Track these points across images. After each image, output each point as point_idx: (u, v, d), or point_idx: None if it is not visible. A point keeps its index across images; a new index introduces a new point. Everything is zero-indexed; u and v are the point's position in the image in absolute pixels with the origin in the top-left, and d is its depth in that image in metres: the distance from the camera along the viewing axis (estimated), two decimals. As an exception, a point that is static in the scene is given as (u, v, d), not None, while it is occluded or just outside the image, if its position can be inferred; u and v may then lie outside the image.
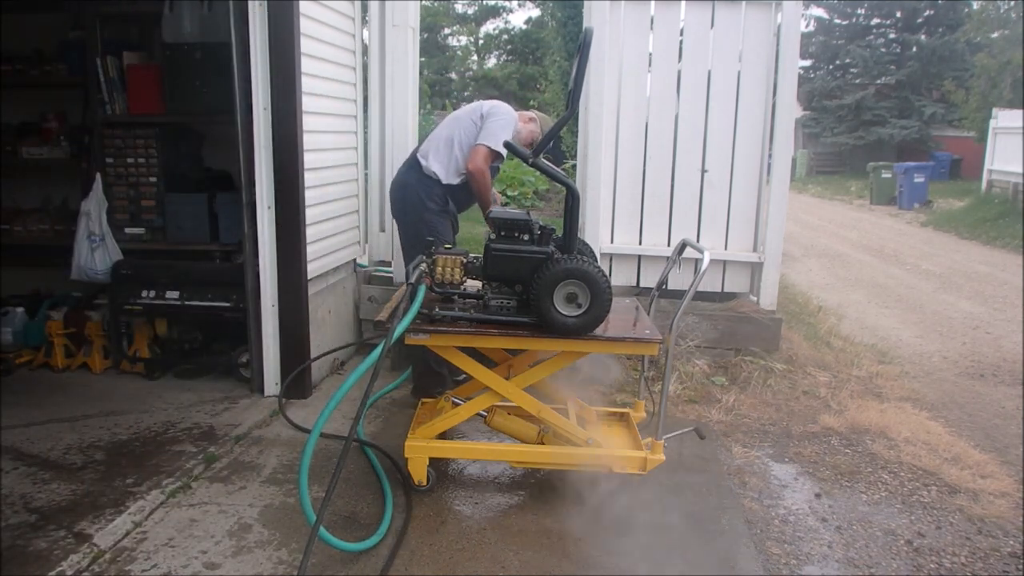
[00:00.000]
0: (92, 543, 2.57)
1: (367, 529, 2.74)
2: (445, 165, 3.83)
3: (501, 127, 3.71)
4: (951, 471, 3.47)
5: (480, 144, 3.71)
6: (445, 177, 3.81)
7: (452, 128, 3.87)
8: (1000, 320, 6.75)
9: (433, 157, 3.84)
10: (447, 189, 3.83)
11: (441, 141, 3.87)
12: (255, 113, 3.73)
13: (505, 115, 3.79)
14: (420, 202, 3.81)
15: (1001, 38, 18.81)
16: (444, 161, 3.83)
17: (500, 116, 3.77)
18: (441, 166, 3.82)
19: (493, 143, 3.69)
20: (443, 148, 3.84)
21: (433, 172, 3.81)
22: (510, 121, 3.76)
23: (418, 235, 3.73)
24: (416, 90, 5.19)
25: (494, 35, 36.30)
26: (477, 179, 3.73)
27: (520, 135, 3.86)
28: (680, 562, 2.64)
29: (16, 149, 4.58)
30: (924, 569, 2.72)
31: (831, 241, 11.89)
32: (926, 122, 23.93)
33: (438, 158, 3.83)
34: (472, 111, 3.88)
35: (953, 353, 5.68)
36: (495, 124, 3.72)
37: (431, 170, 3.82)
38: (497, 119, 3.76)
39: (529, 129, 3.92)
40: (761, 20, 4.54)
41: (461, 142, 3.80)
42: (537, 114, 4.04)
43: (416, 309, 2.64)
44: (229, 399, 3.99)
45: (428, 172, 3.83)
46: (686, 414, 4.05)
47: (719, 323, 4.62)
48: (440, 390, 3.69)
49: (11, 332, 4.52)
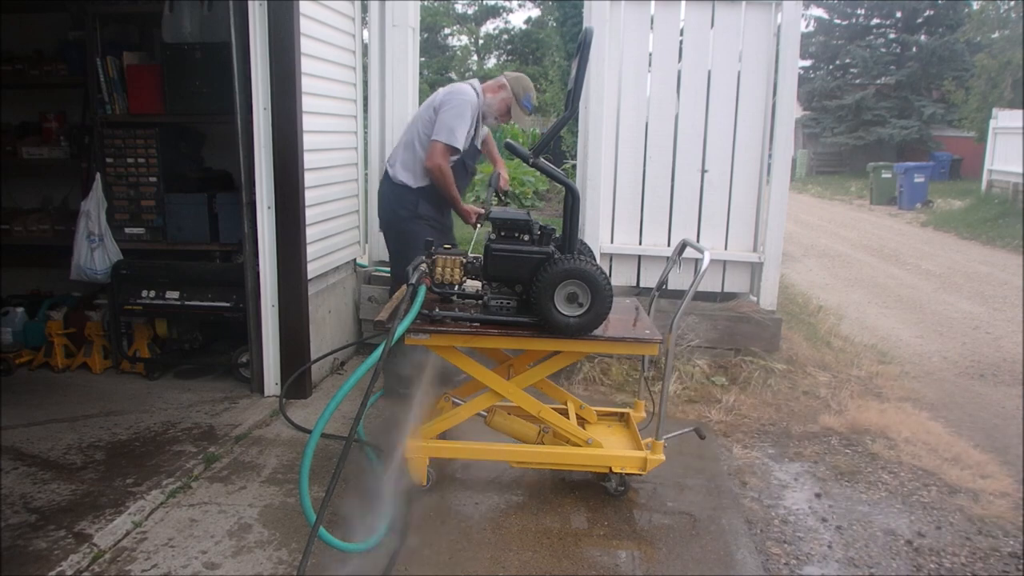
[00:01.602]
0: (92, 543, 2.57)
1: (367, 529, 2.74)
2: (412, 170, 3.72)
3: (454, 117, 3.53)
4: (951, 471, 3.47)
5: (434, 140, 3.57)
6: (414, 182, 3.71)
7: (412, 130, 3.75)
8: (1000, 320, 6.75)
9: (400, 165, 3.74)
10: (420, 194, 3.73)
11: (403, 146, 3.77)
12: (255, 113, 3.73)
13: (458, 104, 3.57)
14: (393, 212, 3.75)
15: (1001, 38, 18.82)
16: (410, 166, 3.72)
17: (452, 106, 3.56)
18: (408, 172, 3.73)
19: (446, 137, 3.54)
20: (406, 153, 3.74)
21: (401, 180, 3.73)
22: (464, 108, 3.55)
23: (399, 246, 3.73)
24: (416, 90, 5.20)
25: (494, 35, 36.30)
26: (435, 176, 3.61)
27: (491, 108, 3.69)
28: (680, 562, 2.64)
29: (16, 149, 4.58)
30: (924, 569, 2.72)
31: (831, 241, 11.89)
32: (926, 122, 23.93)
33: (404, 165, 3.74)
34: (428, 105, 3.70)
35: (953, 353, 5.68)
36: (447, 115, 3.55)
37: (399, 179, 3.74)
38: (449, 110, 3.56)
39: (500, 98, 3.71)
40: (761, 20, 4.54)
41: (422, 141, 3.66)
42: (509, 76, 3.79)
43: (416, 309, 2.64)
44: (229, 399, 3.99)
45: (397, 181, 3.74)
46: (686, 414, 4.05)
47: (719, 323, 4.62)
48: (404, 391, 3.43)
49: (11, 332, 4.52)
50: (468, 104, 3.58)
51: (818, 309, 6.54)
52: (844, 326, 6.12)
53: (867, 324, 6.43)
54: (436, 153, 3.57)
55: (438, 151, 3.57)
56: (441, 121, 3.56)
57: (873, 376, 4.79)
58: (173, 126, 4.36)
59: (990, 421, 4.29)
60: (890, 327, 6.42)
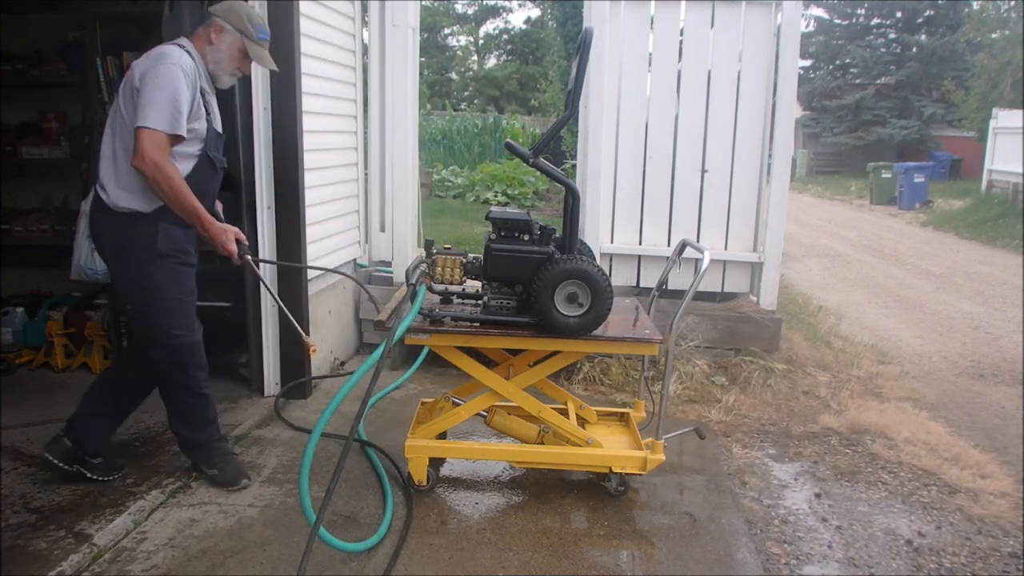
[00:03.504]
0: (92, 543, 2.57)
1: (367, 529, 2.74)
2: (139, 188, 2.63)
3: (161, 89, 2.50)
4: (951, 471, 3.48)
5: (138, 128, 2.49)
6: (147, 205, 2.66)
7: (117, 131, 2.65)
8: (1000, 320, 6.75)
9: (115, 184, 2.65)
10: (161, 218, 2.68)
11: (109, 160, 2.67)
12: (255, 113, 3.72)
13: (163, 73, 2.52)
14: (122, 253, 2.72)
15: (1001, 38, 18.83)
16: (136, 183, 2.63)
17: (155, 76, 2.52)
18: (133, 194, 2.64)
19: (155, 120, 2.49)
20: (119, 166, 2.64)
21: (125, 207, 2.65)
22: (174, 76, 2.53)
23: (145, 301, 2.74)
24: (416, 90, 5.19)
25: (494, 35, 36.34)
26: (151, 176, 2.51)
27: (220, 62, 2.74)
28: (680, 562, 2.64)
29: (16, 149, 4.57)
30: (924, 569, 2.72)
31: (831, 241, 11.89)
32: (926, 122, 23.93)
33: (122, 183, 2.65)
34: (124, 93, 2.63)
35: (953, 353, 5.68)
36: (151, 91, 2.50)
37: (122, 206, 2.65)
38: (150, 84, 2.51)
39: (227, 44, 2.74)
40: (761, 20, 4.54)
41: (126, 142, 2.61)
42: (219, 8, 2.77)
43: (417, 309, 2.64)
44: (229, 399, 3.98)
45: (120, 209, 2.65)
46: (686, 414, 4.05)
47: (719, 323, 4.62)
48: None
49: (11, 332, 4.51)
50: (179, 69, 2.55)
51: (818, 309, 6.54)
52: (844, 326, 6.12)
53: (867, 324, 6.43)
54: (146, 144, 2.48)
55: (148, 141, 2.48)
56: (145, 100, 2.50)
57: (873, 376, 4.79)
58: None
59: (990, 421, 4.30)
60: (890, 327, 6.42)
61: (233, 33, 2.74)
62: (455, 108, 26.81)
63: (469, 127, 20.35)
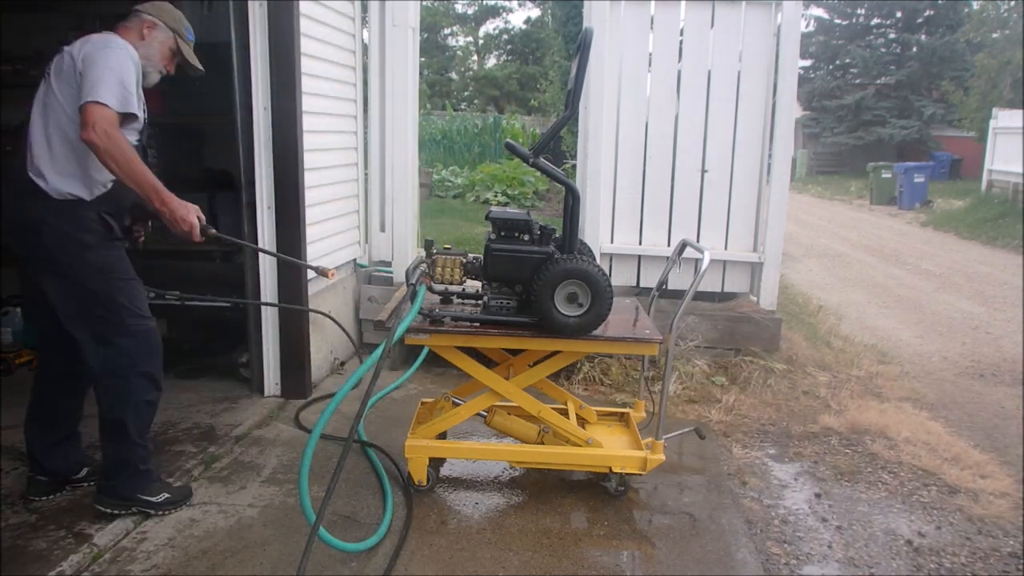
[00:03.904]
0: (92, 543, 2.57)
1: (367, 529, 2.74)
2: (79, 175, 2.54)
3: (112, 70, 2.44)
4: (951, 471, 3.48)
5: (88, 103, 2.38)
6: (88, 191, 2.55)
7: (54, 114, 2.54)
8: (1000, 320, 6.76)
9: (53, 170, 2.52)
10: (102, 207, 2.59)
11: (42, 144, 2.54)
12: (255, 113, 3.73)
13: (115, 56, 2.48)
14: (69, 241, 2.53)
15: (1001, 38, 18.84)
16: (75, 169, 2.53)
17: (103, 59, 2.45)
18: (74, 179, 2.53)
19: (104, 96, 2.39)
20: (55, 151, 2.53)
21: (69, 193, 2.52)
22: (123, 59, 2.49)
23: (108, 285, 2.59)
24: (416, 90, 5.20)
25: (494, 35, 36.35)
26: (103, 147, 2.38)
27: (151, 57, 2.68)
28: (680, 562, 2.64)
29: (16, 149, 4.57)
30: (924, 569, 2.72)
31: (831, 241, 11.89)
32: (926, 122, 23.94)
33: (61, 169, 2.52)
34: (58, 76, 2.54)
35: (953, 353, 5.68)
36: (99, 72, 2.42)
37: (64, 191, 2.52)
38: (99, 64, 2.44)
39: (159, 41, 2.70)
40: (761, 20, 4.54)
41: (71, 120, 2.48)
42: (147, 6, 2.72)
43: (417, 309, 2.64)
44: (229, 399, 3.98)
45: (62, 195, 2.52)
46: (686, 414, 4.05)
47: (719, 323, 4.62)
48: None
49: (11, 332, 4.51)
50: (127, 55, 2.52)
51: (818, 309, 6.54)
52: (844, 326, 6.12)
53: (867, 324, 6.43)
54: (96, 116, 2.37)
55: (98, 115, 2.37)
56: (94, 79, 2.41)
57: (873, 376, 4.79)
58: (173, 126, 4.36)
59: (990, 421, 4.30)
60: (890, 327, 6.42)
61: (166, 31, 2.72)
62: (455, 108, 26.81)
63: (469, 127, 20.35)
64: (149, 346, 2.71)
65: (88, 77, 2.43)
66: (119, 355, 2.64)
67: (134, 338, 2.65)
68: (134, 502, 2.74)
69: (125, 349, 2.64)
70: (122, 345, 2.64)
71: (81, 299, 2.60)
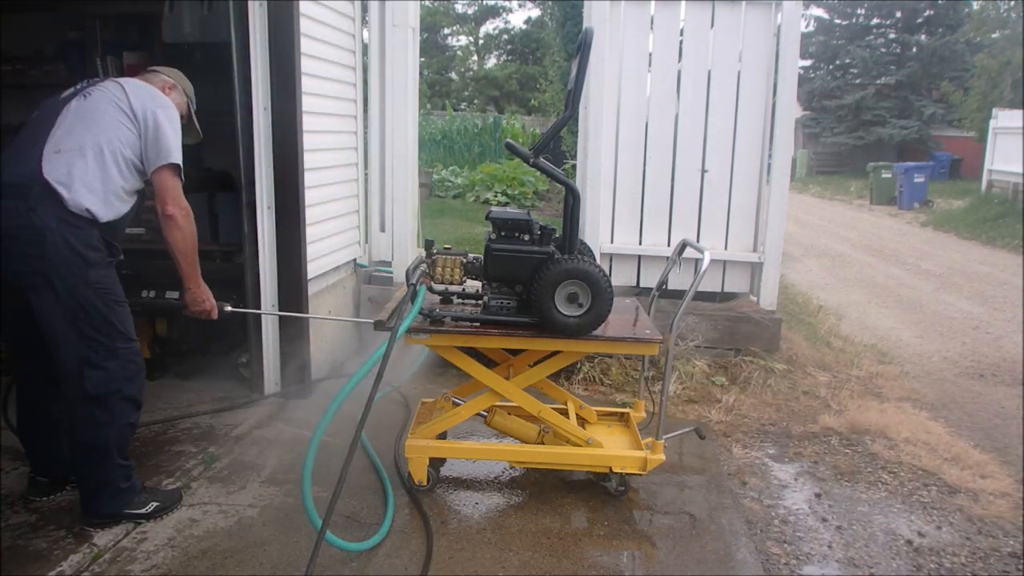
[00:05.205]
0: (92, 543, 2.57)
1: (368, 529, 2.74)
2: (101, 193, 2.52)
3: (175, 129, 2.65)
4: (951, 471, 3.48)
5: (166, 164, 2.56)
6: (104, 212, 2.53)
7: (96, 130, 2.55)
8: (1000, 320, 6.76)
9: (80, 181, 2.47)
10: (107, 232, 2.59)
11: (75, 153, 2.50)
12: (255, 113, 3.72)
13: (174, 115, 2.69)
14: (76, 260, 2.47)
15: (1001, 38, 18.84)
16: (99, 186, 2.51)
17: (170, 118, 2.65)
18: (95, 196, 2.50)
19: (176, 155, 2.61)
20: (93, 164, 2.51)
21: (85, 209, 2.47)
22: (174, 116, 2.70)
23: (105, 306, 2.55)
24: (416, 90, 5.20)
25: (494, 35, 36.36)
26: (182, 224, 2.61)
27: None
28: (680, 562, 2.64)
29: (16, 149, 4.57)
30: (924, 569, 2.72)
31: (831, 241, 11.90)
32: (926, 122, 23.95)
33: (88, 182, 2.49)
34: (113, 103, 2.60)
35: (953, 353, 5.68)
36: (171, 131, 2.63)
37: (82, 205, 2.46)
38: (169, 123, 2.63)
39: (177, 102, 2.84)
40: (761, 20, 4.54)
41: (118, 151, 2.55)
42: (166, 70, 2.92)
43: (417, 310, 2.64)
44: (229, 399, 3.98)
45: (79, 208, 2.46)
46: (686, 414, 4.05)
47: (719, 323, 4.62)
48: None
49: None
50: (177, 113, 2.73)
51: (818, 309, 6.54)
52: (844, 326, 6.12)
53: (867, 324, 6.44)
54: (176, 192, 2.56)
55: (174, 187, 2.57)
56: (167, 138, 2.57)
57: (873, 376, 4.79)
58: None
59: (990, 421, 4.30)
60: (890, 327, 6.42)
61: (182, 95, 2.92)
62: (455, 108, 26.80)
63: (469, 127, 20.35)
64: (133, 369, 2.67)
65: (162, 132, 2.59)
66: (106, 381, 2.57)
67: (120, 361, 2.61)
68: (123, 517, 2.70)
69: (112, 373, 2.58)
70: (110, 369, 2.57)
71: (74, 318, 2.50)
